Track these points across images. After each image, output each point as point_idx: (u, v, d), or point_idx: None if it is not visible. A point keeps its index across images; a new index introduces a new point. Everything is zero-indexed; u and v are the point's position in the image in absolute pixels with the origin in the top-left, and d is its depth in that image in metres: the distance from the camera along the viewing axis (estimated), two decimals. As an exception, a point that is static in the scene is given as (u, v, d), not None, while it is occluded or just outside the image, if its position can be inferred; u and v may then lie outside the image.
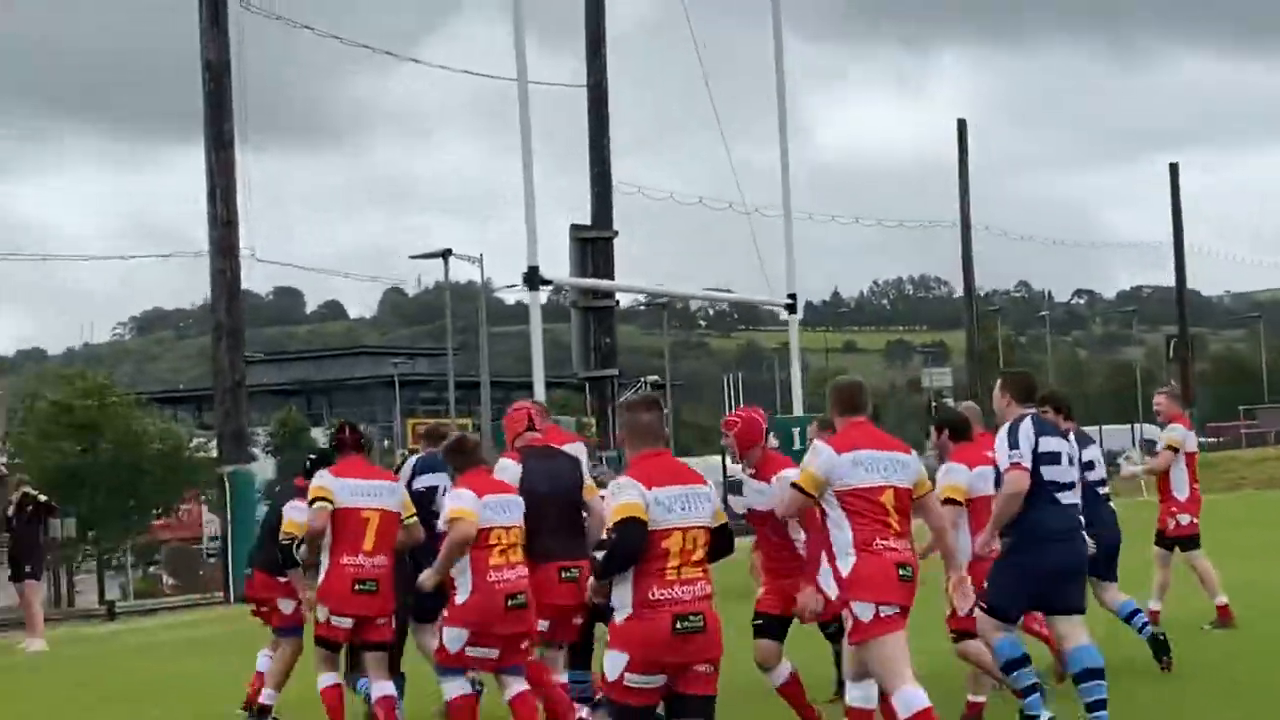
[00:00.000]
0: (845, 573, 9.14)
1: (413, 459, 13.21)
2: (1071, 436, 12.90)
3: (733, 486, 13.90)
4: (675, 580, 8.08)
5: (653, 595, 8.05)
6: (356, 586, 11.32)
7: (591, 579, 8.63)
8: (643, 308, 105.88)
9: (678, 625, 8.01)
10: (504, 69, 41.34)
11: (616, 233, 39.33)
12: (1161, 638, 13.04)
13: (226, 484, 30.66)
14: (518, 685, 10.73)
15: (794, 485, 9.44)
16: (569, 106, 41.50)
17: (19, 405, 49.18)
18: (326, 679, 11.60)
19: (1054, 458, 10.31)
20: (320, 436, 60.83)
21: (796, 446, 19.95)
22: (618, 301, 39.20)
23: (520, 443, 11.63)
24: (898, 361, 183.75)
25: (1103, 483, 13.34)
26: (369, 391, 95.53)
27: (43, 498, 24.26)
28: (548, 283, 23.21)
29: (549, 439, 11.98)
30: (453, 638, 10.52)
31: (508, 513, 10.69)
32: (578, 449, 12.28)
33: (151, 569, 44.40)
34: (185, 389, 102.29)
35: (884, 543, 9.14)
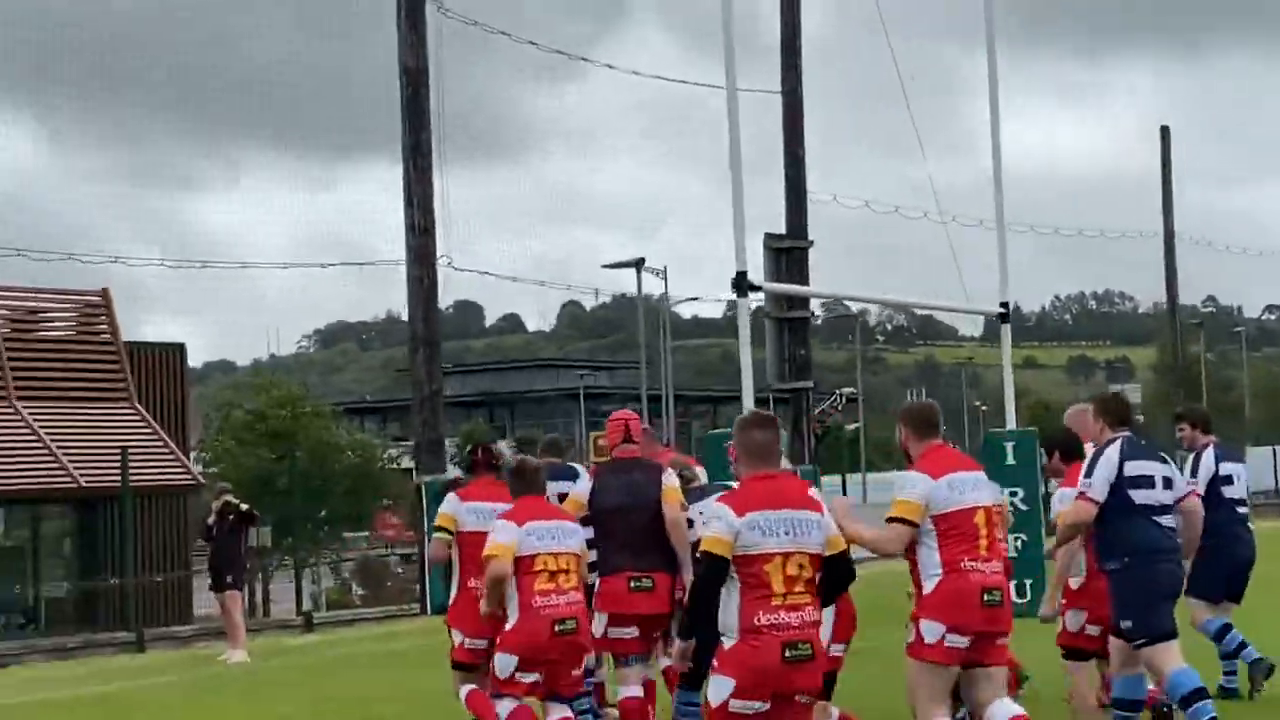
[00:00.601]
0: (927, 590, 9.03)
1: None
2: (1210, 451, 12.72)
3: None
4: (781, 606, 7.90)
5: (758, 621, 7.87)
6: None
7: (677, 644, 8.63)
8: (818, 321, 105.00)
9: (787, 653, 7.86)
10: (672, 74, 40.58)
11: (812, 242, 38.58)
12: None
13: (424, 494, 30.34)
14: (559, 713, 10.71)
15: (895, 519, 9.14)
16: (756, 113, 40.98)
17: (214, 414, 49.73)
18: (467, 689, 11.47)
19: (1146, 481, 10.03)
20: (504, 449, 60.65)
21: (1009, 461, 19.06)
22: (812, 312, 38.44)
23: (616, 453, 11.53)
24: (1080, 377, 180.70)
25: (1242, 501, 12.77)
26: (552, 404, 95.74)
27: (244, 506, 24.14)
28: (757, 289, 22.51)
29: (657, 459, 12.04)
30: (502, 664, 10.56)
31: (556, 539, 10.58)
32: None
33: (344, 578, 44.54)
34: (372, 400, 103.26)
35: (972, 564, 9.02)
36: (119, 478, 30.43)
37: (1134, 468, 9.99)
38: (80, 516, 34.41)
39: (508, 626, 10.51)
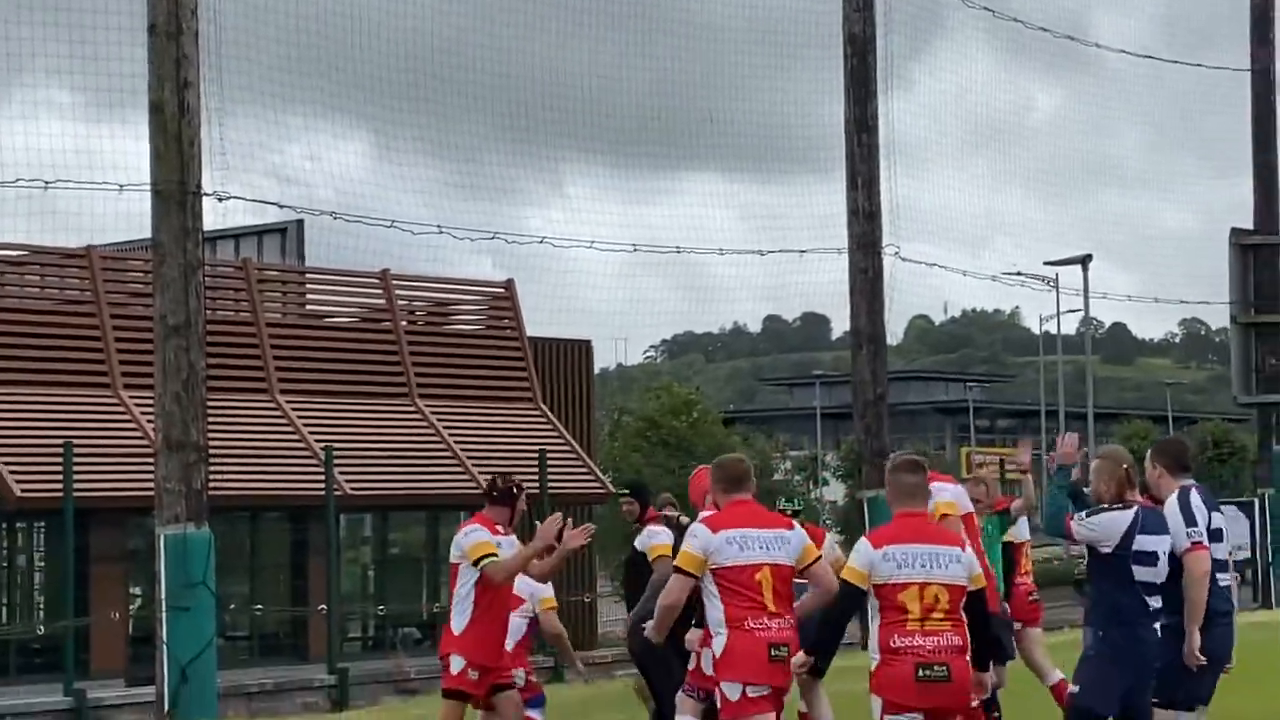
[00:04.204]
0: None
1: None
2: (1195, 495, 10.60)
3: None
4: (917, 631, 8.51)
5: (894, 644, 8.55)
6: None
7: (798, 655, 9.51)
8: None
9: (920, 673, 8.45)
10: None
11: (1285, 237, 34.57)
12: None
13: (865, 511, 27.09)
14: None
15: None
16: (1212, 96, 37.48)
17: (603, 419, 47.26)
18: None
19: (1218, 535, 9.89)
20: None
21: None
22: (1284, 324, 34.28)
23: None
24: None
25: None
26: (920, 418, 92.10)
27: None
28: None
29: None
30: None
31: None
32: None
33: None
34: (750, 409, 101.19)
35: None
36: (532, 484, 27.81)
37: (1215, 520, 9.85)
38: (481, 525, 31.91)
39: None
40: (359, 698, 24.46)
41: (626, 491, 13.92)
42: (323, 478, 26.17)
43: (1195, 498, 9.85)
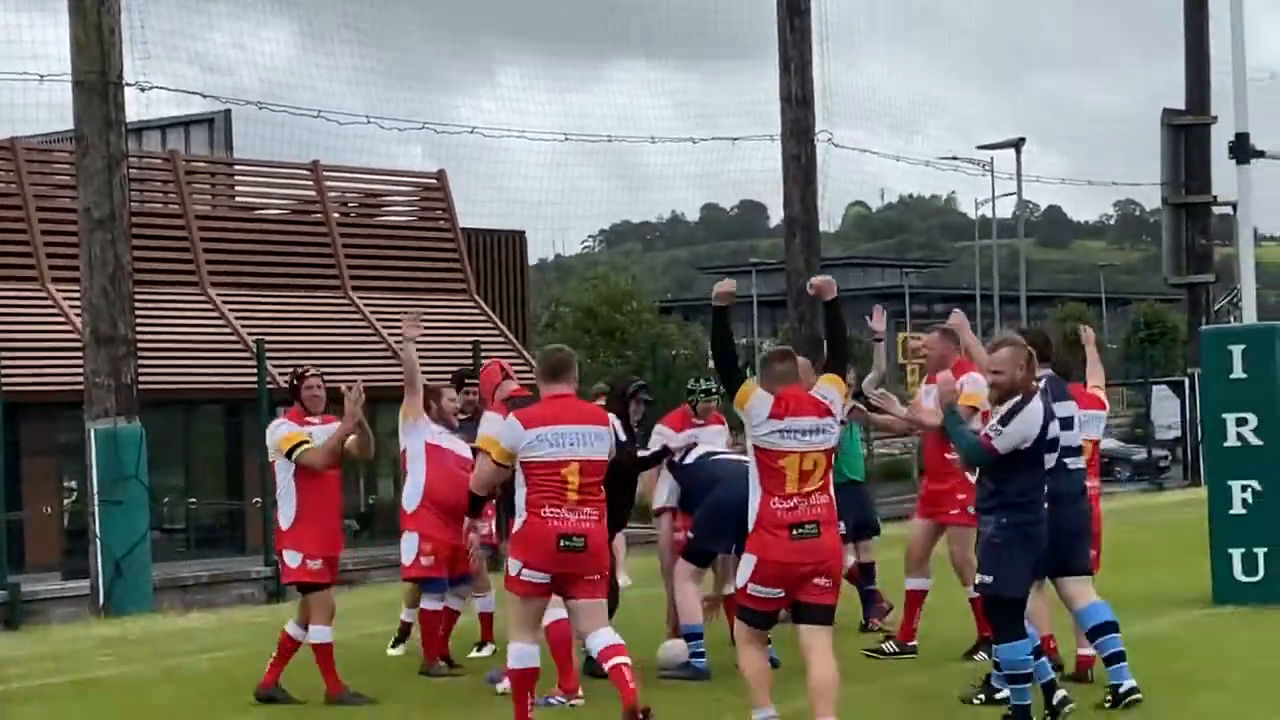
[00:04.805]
0: None
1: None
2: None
3: None
4: (795, 494, 9.02)
5: (773, 505, 9.04)
6: None
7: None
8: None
9: (794, 533, 8.96)
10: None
11: (1215, 118, 34.67)
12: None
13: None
14: None
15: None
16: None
17: (540, 310, 47.17)
18: None
19: (1067, 423, 10.23)
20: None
21: (1236, 373, 14.50)
22: (1215, 197, 34.46)
23: None
24: None
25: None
26: (857, 304, 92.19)
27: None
28: (1260, 154, 18.76)
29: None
30: None
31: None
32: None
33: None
34: (688, 299, 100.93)
35: None
36: (471, 381, 27.73)
37: (1062, 408, 10.13)
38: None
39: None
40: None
41: (476, 383, 13.25)
42: (255, 370, 26.03)
43: (1042, 388, 9.97)
